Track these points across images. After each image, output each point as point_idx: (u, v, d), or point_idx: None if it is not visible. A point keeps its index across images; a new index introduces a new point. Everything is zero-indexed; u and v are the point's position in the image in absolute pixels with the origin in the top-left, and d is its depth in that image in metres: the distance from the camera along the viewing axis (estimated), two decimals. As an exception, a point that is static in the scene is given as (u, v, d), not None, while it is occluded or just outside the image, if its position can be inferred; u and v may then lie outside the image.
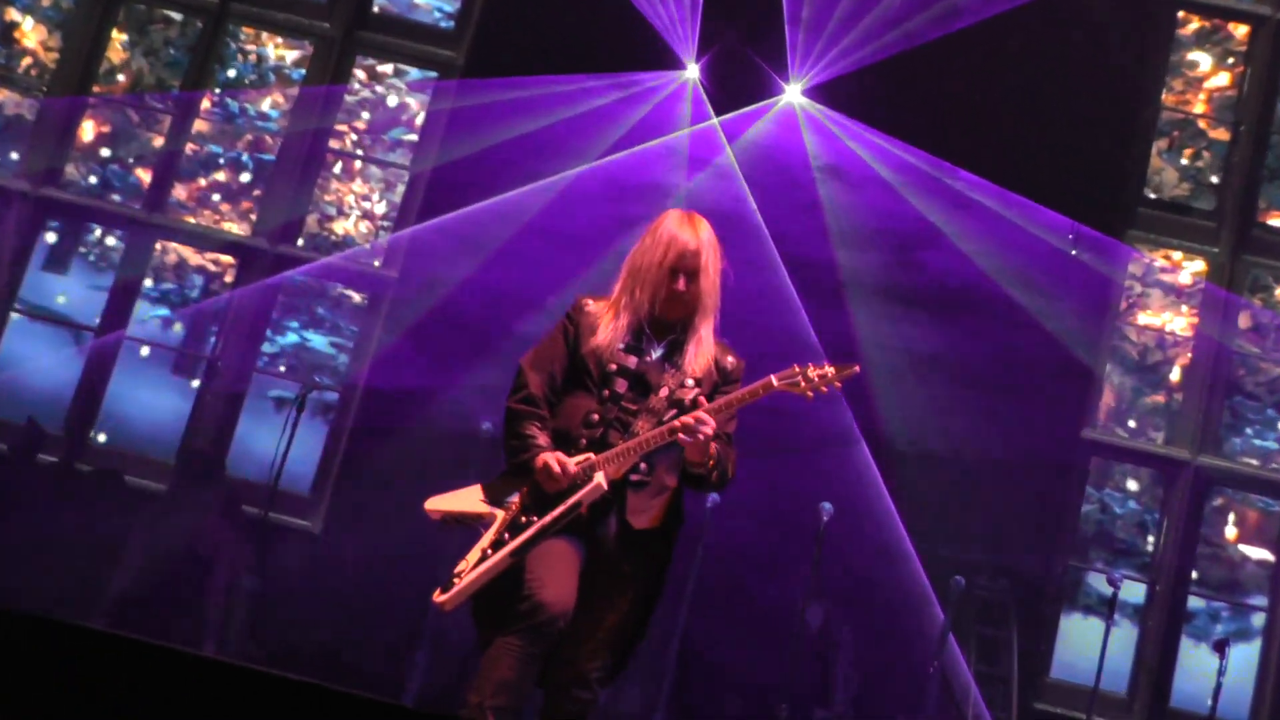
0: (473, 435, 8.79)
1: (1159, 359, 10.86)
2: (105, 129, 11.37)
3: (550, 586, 4.85)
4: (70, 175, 11.12)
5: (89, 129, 11.29)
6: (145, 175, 11.15)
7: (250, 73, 11.38)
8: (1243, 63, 11.05)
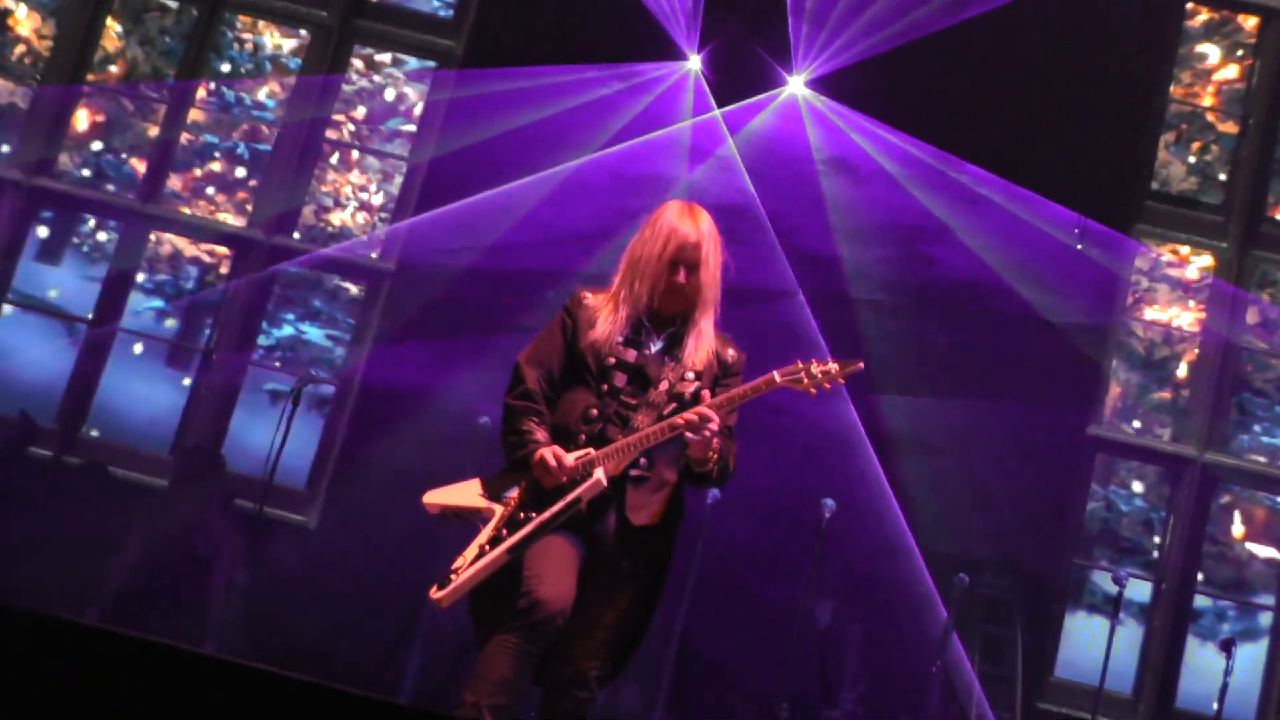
0: (471, 429, 8.71)
1: (1166, 355, 10.78)
2: (99, 118, 11.28)
3: (548, 583, 4.81)
4: (64, 165, 11.03)
5: (83, 118, 11.20)
6: (140, 165, 11.06)
7: (246, 62, 11.28)
8: (1252, 55, 10.95)
